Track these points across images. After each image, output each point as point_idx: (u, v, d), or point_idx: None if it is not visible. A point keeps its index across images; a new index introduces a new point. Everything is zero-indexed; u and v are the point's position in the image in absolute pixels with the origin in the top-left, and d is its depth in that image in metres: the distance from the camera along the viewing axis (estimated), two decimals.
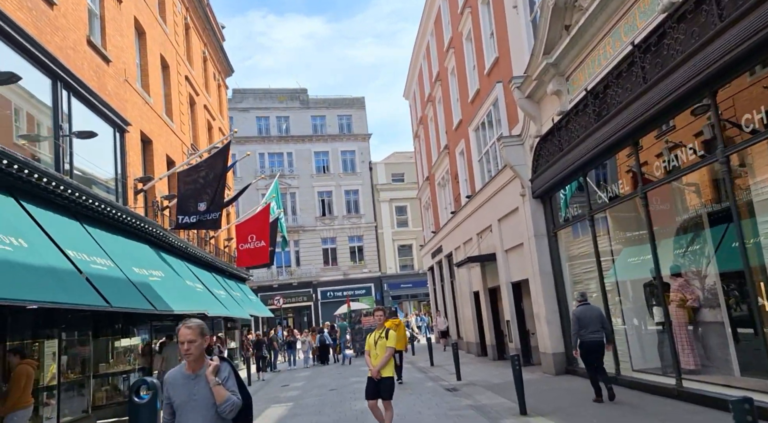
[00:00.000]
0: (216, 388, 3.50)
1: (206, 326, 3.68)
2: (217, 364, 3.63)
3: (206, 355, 3.71)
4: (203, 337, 3.65)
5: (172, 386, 3.63)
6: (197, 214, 14.21)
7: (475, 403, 9.66)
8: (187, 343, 3.56)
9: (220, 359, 3.69)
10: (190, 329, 3.59)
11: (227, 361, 3.73)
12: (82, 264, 8.42)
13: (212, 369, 3.57)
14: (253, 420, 9.87)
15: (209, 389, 3.52)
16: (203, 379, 3.57)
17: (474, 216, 17.42)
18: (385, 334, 7.00)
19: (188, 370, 3.65)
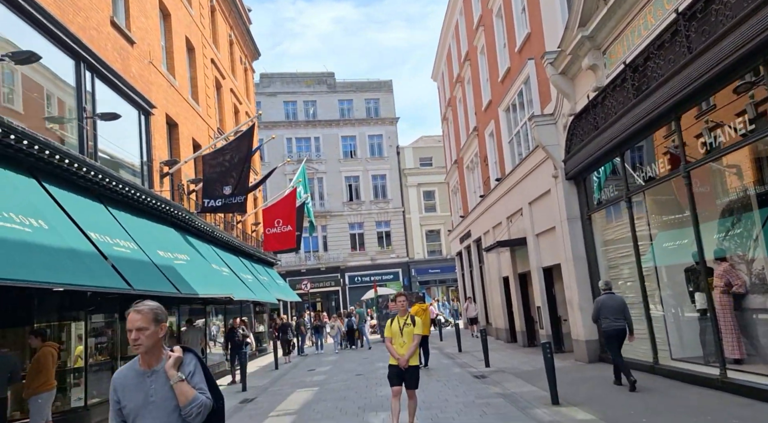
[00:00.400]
0: (178, 385, 2.78)
1: (163, 311, 2.95)
2: (179, 356, 2.88)
3: (164, 346, 2.95)
4: (158, 323, 2.87)
5: (123, 387, 2.85)
6: (222, 198, 14.12)
7: (503, 391, 9.34)
8: (135, 330, 2.79)
9: (183, 350, 2.95)
10: (140, 314, 2.83)
11: (192, 353, 2.99)
12: (104, 246, 8.35)
13: (173, 361, 2.83)
14: (279, 404, 9.78)
15: (170, 387, 2.79)
16: (162, 376, 2.83)
17: (503, 199, 16.94)
18: (411, 321, 6.70)
19: (142, 366, 2.88)
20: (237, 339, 14.50)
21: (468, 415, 7.69)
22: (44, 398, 6.93)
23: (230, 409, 10.11)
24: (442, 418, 7.64)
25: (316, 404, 9.71)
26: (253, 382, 13.53)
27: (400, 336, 6.61)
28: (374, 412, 8.52)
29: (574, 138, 11.82)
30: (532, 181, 14.10)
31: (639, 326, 10.25)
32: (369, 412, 8.56)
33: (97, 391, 10.53)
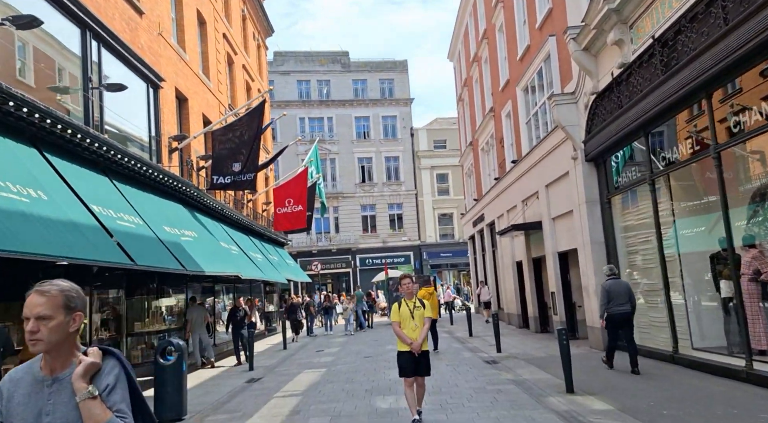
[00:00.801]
0: (86, 404, 1.93)
1: (80, 295, 2.17)
2: (93, 362, 2.01)
3: (78, 347, 2.11)
4: (70, 312, 2.06)
5: (10, 395, 2.04)
6: (232, 175, 13.86)
7: (516, 377, 9.04)
8: (33, 319, 1.99)
9: (103, 353, 2.08)
10: (44, 297, 2.03)
11: (116, 358, 2.10)
12: (107, 220, 8.11)
13: (82, 369, 1.98)
14: (285, 385, 9.57)
15: (75, 405, 1.95)
16: (68, 387, 1.99)
17: (519, 182, 16.50)
18: (421, 304, 6.37)
19: (43, 370, 2.06)
20: (238, 318, 14.17)
21: (479, 401, 7.41)
22: None
23: (236, 389, 9.94)
24: (452, 404, 7.37)
25: (322, 386, 9.50)
26: (260, 362, 13.39)
27: (411, 320, 6.25)
28: (381, 395, 8.28)
29: (595, 118, 11.34)
30: (550, 163, 13.65)
31: (659, 314, 9.90)
32: (376, 395, 8.32)
33: None
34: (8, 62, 8.39)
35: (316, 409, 7.62)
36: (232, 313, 14.40)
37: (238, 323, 14.09)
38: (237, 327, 14.10)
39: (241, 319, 14.12)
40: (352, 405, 7.74)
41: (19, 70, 8.74)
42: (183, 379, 7.73)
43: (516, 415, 6.52)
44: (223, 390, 9.87)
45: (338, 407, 7.65)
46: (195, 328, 13.58)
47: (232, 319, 14.31)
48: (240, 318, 14.15)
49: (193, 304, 14.23)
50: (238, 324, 14.09)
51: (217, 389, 10.05)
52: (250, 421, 7.29)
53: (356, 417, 7.00)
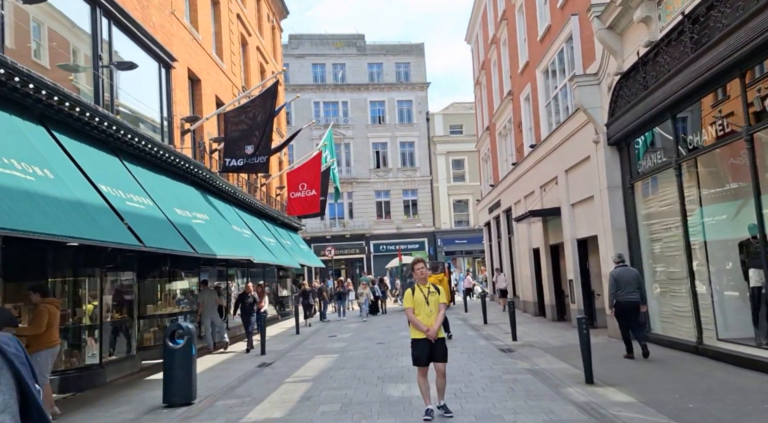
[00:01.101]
0: None
1: None
2: None
3: None
4: None
5: None
6: (244, 157, 13.66)
7: (532, 366, 8.79)
8: None
9: None
10: None
11: None
12: (115, 200, 7.96)
13: None
14: (296, 370, 9.42)
15: None
16: None
17: (538, 167, 16.11)
18: (436, 289, 6.11)
19: None
20: (247, 303, 13.66)
21: (494, 391, 7.18)
22: (43, 356, 6.63)
23: (247, 373, 9.82)
24: (466, 393, 7.15)
25: (334, 372, 9.33)
26: (272, 346, 13.29)
27: (425, 305, 5.99)
28: (394, 383, 8.08)
29: (619, 99, 10.91)
30: (570, 148, 13.24)
31: (682, 304, 9.55)
32: (388, 382, 8.13)
33: (114, 349, 10.38)
34: (24, 43, 8.26)
35: (327, 396, 7.44)
36: (241, 299, 13.95)
37: (247, 309, 13.60)
38: (246, 313, 13.58)
39: (250, 305, 13.64)
40: (364, 392, 7.55)
41: (34, 51, 8.61)
42: (192, 362, 7.59)
43: (533, 406, 6.28)
44: (234, 374, 9.75)
45: (349, 394, 7.46)
46: (206, 312, 13.49)
47: (241, 305, 13.86)
48: (249, 304, 13.67)
49: (204, 287, 14.14)
50: (247, 310, 13.59)
51: (227, 373, 9.94)
52: (260, 406, 7.13)
53: (368, 405, 6.81)
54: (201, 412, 6.98)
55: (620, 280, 8.86)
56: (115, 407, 7.58)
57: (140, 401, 7.87)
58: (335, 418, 6.27)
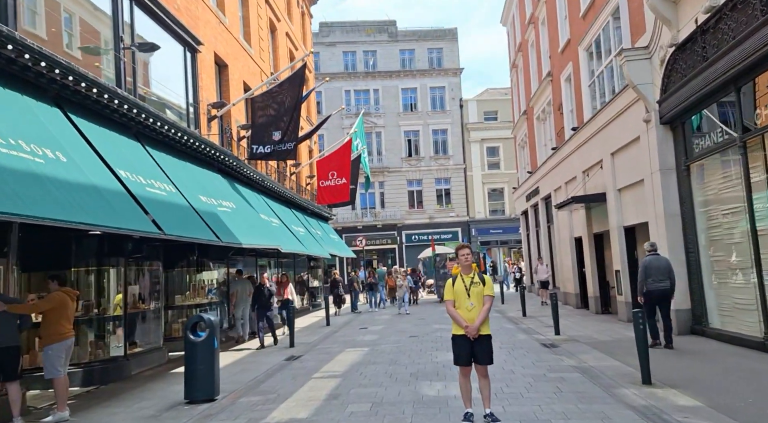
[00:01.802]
0: None
1: None
2: None
3: None
4: None
5: None
6: (272, 144, 13.24)
7: (579, 364, 8.09)
8: None
9: None
10: None
11: None
12: (134, 186, 7.57)
13: None
14: (325, 365, 8.94)
15: None
16: None
17: (580, 151, 15.21)
18: (480, 279, 5.47)
19: None
20: (264, 299, 12.35)
21: (539, 392, 6.53)
22: (55, 349, 6.29)
23: (274, 367, 9.40)
24: (508, 393, 6.53)
25: (364, 367, 8.82)
26: (301, 338, 12.88)
27: (466, 298, 5.36)
28: (428, 381, 7.50)
29: (673, 74, 10.00)
30: (617, 129, 12.35)
31: (745, 296, 8.68)
32: (422, 380, 7.56)
33: (139, 341, 10.10)
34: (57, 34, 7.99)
35: (356, 394, 6.92)
36: (258, 293, 12.56)
37: (264, 305, 12.30)
38: (263, 308, 12.29)
39: (267, 299, 12.40)
40: (396, 390, 7.01)
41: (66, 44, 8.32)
42: (215, 357, 7.17)
43: (585, 410, 5.62)
44: (261, 368, 9.35)
45: (380, 393, 6.93)
46: (240, 302, 13.20)
47: (257, 300, 12.47)
48: (266, 299, 12.37)
49: (239, 277, 13.84)
50: (264, 305, 12.30)
51: (254, 367, 9.55)
52: (284, 404, 6.67)
53: (400, 405, 6.26)
54: (222, 410, 6.56)
55: (650, 268, 8.87)
56: (136, 402, 7.24)
57: (163, 396, 7.51)
58: (364, 421, 5.74)
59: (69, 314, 6.53)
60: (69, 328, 6.49)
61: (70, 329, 6.51)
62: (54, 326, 6.31)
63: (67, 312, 6.50)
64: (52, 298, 6.41)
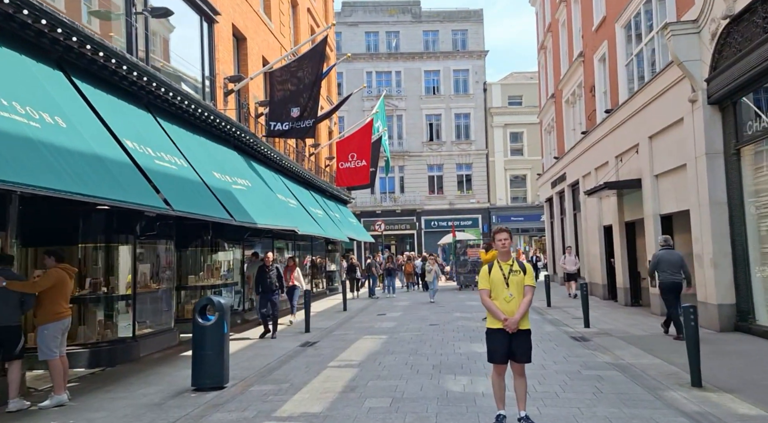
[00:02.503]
0: None
1: None
2: None
3: None
4: None
5: None
6: (290, 121, 12.68)
7: (616, 360, 7.46)
8: None
9: None
10: None
11: None
12: (142, 158, 7.09)
13: None
14: (341, 353, 8.43)
15: None
16: None
17: (613, 135, 14.40)
18: (520, 267, 4.85)
19: None
20: (268, 281, 10.72)
21: (577, 392, 5.94)
22: (51, 329, 5.87)
23: (288, 353, 8.94)
24: (542, 393, 5.95)
25: (382, 356, 8.30)
26: (317, 323, 12.43)
27: (504, 288, 4.75)
28: (452, 374, 6.95)
29: (725, 49, 9.18)
30: (657, 110, 11.54)
31: None
32: (446, 373, 7.01)
33: (149, 322, 9.71)
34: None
35: (374, 387, 6.40)
36: (261, 273, 10.86)
37: (268, 287, 10.67)
38: (267, 291, 10.67)
39: (272, 282, 10.72)
40: (417, 384, 6.47)
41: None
42: (224, 342, 6.70)
43: (632, 416, 5.01)
44: (275, 353, 8.89)
45: (401, 386, 6.40)
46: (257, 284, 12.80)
47: (261, 282, 10.80)
48: (270, 281, 10.71)
49: (255, 259, 13.41)
50: (268, 288, 10.67)
51: (268, 352, 9.09)
52: (297, 395, 6.18)
53: (422, 402, 5.72)
54: (231, 400, 6.09)
55: (662, 262, 9.06)
56: (141, 387, 6.82)
57: (170, 381, 7.09)
58: (384, 419, 5.21)
59: (66, 292, 6.11)
60: (65, 307, 6.06)
61: (66, 308, 6.08)
62: (50, 305, 5.89)
63: (65, 290, 6.09)
64: (50, 275, 5.98)
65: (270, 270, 10.84)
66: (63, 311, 5.99)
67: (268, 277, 10.78)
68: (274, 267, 10.96)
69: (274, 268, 10.93)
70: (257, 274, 11.08)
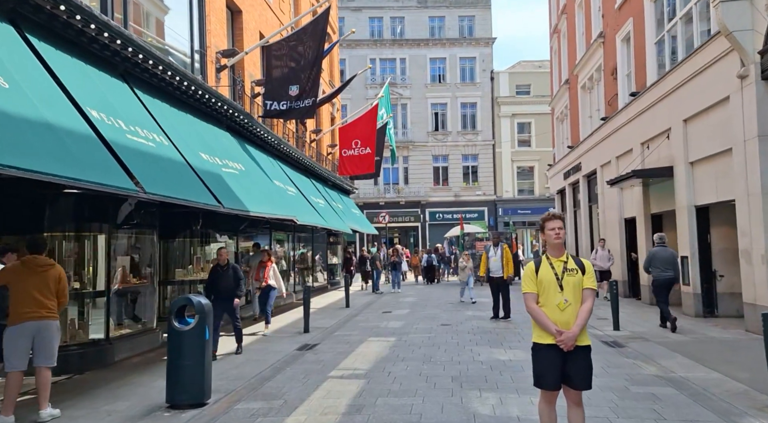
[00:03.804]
0: None
1: None
2: None
3: None
4: None
5: None
6: (288, 100, 11.57)
7: (665, 373, 6.39)
8: None
9: None
10: None
11: None
12: (110, 131, 5.99)
13: None
14: (344, 359, 7.28)
15: None
16: None
17: (640, 119, 13.26)
18: (578, 265, 3.74)
19: None
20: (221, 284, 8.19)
21: (633, 416, 4.87)
22: (7, 335, 4.98)
23: (284, 358, 7.88)
24: (592, 418, 4.81)
25: (392, 364, 7.24)
26: (318, 322, 11.38)
27: (558, 291, 3.63)
28: (476, 390, 5.88)
29: None
30: (695, 89, 10.41)
31: None
32: (468, 388, 5.94)
33: (128, 322, 8.65)
34: None
35: (384, 407, 5.33)
36: (213, 275, 8.32)
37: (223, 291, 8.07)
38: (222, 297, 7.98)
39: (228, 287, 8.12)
40: (436, 403, 5.40)
41: None
42: (205, 350, 5.64)
43: None
44: (268, 359, 7.83)
45: (417, 406, 5.33)
46: None
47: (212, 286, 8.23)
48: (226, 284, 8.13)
49: (256, 250, 12.36)
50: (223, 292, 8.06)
51: (261, 357, 8.03)
52: (292, 417, 5.12)
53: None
54: (212, 421, 5.03)
55: (655, 259, 9.38)
56: (107, 401, 5.76)
57: (144, 394, 6.03)
58: None
59: (26, 291, 5.05)
60: (27, 310, 5.01)
61: (28, 311, 5.02)
62: (12, 305, 4.94)
63: (23, 288, 5.04)
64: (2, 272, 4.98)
65: (225, 270, 8.17)
66: (24, 313, 4.97)
67: (222, 279, 8.14)
68: (230, 267, 8.28)
69: (230, 268, 8.24)
70: (209, 275, 8.43)
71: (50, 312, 5.15)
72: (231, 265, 8.36)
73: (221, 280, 8.20)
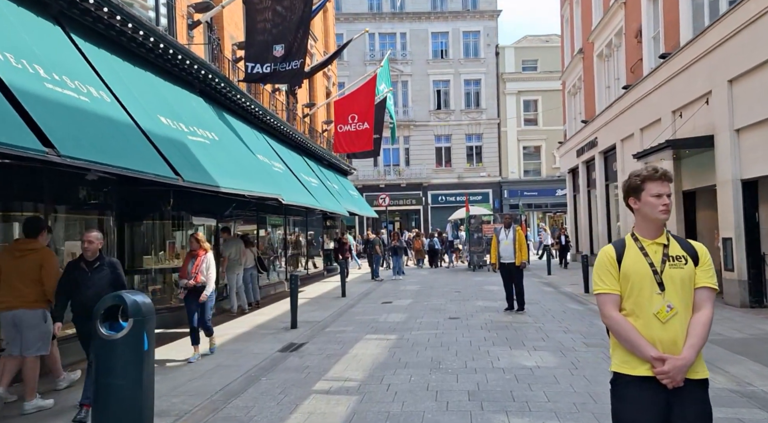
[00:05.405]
0: None
1: None
2: None
3: None
4: None
5: None
6: (272, 62, 10.08)
7: (741, 387, 5.02)
8: None
9: None
10: None
11: None
12: (17, 76, 4.55)
13: None
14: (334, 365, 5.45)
15: None
16: None
17: (671, 85, 11.78)
18: (686, 250, 2.39)
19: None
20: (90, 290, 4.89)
21: None
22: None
23: (262, 363, 6.52)
24: None
25: (391, 373, 5.87)
26: (309, 315, 10.03)
27: (656, 291, 2.30)
28: (501, 412, 4.51)
29: None
30: (744, 45, 8.92)
31: None
32: (491, 410, 4.57)
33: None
34: None
35: None
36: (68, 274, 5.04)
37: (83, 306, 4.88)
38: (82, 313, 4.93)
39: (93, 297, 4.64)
40: None
41: None
42: (145, 365, 4.24)
43: None
44: (244, 364, 6.48)
45: None
46: (232, 267, 10.43)
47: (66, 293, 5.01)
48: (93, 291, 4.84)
49: (228, 237, 10.99)
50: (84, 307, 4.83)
51: (235, 361, 6.68)
52: None
53: None
54: None
55: None
56: None
57: (70, 418, 4.67)
58: None
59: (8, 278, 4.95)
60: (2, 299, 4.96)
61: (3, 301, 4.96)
62: None
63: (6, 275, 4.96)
64: None
65: (93, 269, 4.95)
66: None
67: (87, 283, 4.91)
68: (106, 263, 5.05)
69: (106, 266, 5.02)
70: (62, 277, 5.08)
71: (25, 301, 4.93)
72: (107, 261, 5.09)
73: (86, 286, 4.91)
